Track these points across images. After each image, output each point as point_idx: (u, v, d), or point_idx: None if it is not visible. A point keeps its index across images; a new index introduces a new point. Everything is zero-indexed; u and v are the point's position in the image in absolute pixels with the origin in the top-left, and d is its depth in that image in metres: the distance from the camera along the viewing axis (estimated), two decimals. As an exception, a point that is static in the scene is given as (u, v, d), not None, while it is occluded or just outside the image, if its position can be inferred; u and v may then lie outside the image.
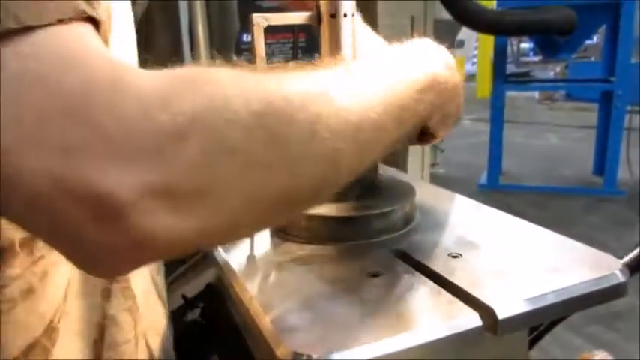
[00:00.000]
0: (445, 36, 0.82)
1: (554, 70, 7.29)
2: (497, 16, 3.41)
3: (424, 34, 0.61)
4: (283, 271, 0.51)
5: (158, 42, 2.00)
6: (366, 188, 0.60)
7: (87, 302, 0.49)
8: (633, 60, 4.17)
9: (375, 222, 0.57)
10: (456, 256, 0.52)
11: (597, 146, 4.34)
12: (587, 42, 6.30)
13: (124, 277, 0.53)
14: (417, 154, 2.36)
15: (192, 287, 0.76)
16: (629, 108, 4.15)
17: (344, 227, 0.57)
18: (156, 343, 0.58)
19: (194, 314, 0.69)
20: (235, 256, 0.55)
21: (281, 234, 0.59)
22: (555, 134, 5.92)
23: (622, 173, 3.98)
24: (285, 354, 0.39)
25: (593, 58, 7.03)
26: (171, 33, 2.06)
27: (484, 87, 8.10)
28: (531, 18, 3.47)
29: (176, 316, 0.71)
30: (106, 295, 0.51)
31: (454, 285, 0.47)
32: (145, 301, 0.56)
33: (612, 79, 4.04)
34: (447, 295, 0.46)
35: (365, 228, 0.57)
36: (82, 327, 0.49)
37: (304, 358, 0.39)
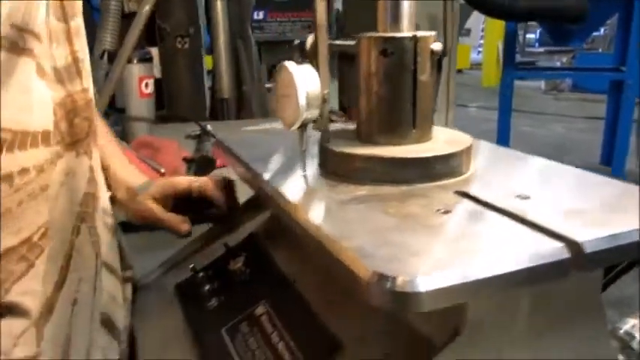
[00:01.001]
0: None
1: (560, 60, 7.26)
2: (511, 1, 3.38)
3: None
4: (348, 207, 0.49)
5: (174, 13, 1.97)
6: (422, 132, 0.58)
7: (57, 237, 0.56)
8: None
9: (435, 165, 0.55)
10: (525, 198, 0.51)
11: (606, 136, 4.32)
12: (595, 33, 6.26)
13: (91, 218, 0.62)
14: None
15: (233, 238, 0.74)
16: (637, 100, 4.13)
17: (402, 169, 0.55)
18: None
19: (237, 263, 0.67)
20: (294, 195, 0.53)
21: (335, 176, 0.57)
22: (561, 124, 5.90)
23: (629, 164, 3.97)
24: (369, 277, 0.38)
25: (600, 50, 7.00)
26: (188, 4, 2.03)
27: (490, 76, 8.07)
28: (544, 4, 3.43)
29: (219, 265, 0.70)
30: (76, 232, 0.59)
31: (532, 222, 0.45)
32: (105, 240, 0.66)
33: (623, 68, 4.00)
34: (527, 230, 0.44)
35: (424, 171, 0.55)
36: (52, 255, 0.55)
37: (389, 280, 0.37)
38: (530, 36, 8.96)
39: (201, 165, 1.28)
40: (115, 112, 1.53)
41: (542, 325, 0.46)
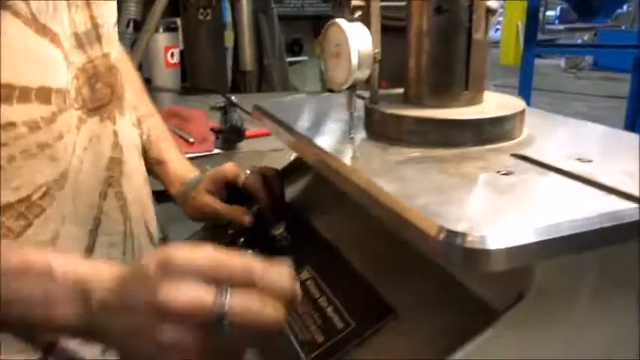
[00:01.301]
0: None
1: (581, 38, 7.10)
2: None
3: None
4: (405, 168, 0.48)
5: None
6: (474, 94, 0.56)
7: (83, 201, 0.57)
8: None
9: (489, 127, 0.54)
10: (587, 161, 0.49)
11: (628, 114, 4.24)
12: (618, 10, 6.11)
13: (117, 183, 0.62)
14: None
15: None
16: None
17: (457, 131, 0.53)
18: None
19: (279, 228, 0.66)
20: (347, 157, 0.52)
21: (384, 138, 0.55)
22: (582, 103, 5.80)
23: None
24: (439, 234, 0.36)
25: (623, 27, 6.83)
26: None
27: (508, 54, 7.94)
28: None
29: (259, 231, 0.69)
30: (103, 196, 0.60)
31: (600, 183, 0.43)
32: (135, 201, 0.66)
33: (647, 45, 3.91)
34: (595, 192, 0.42)
35: (478, 133, 0.53)
36: (78, 219, 0.57)
37: (459, 237, 0.36)
38: (550, 13, 8.77)
39: (230, 135, 1.27)
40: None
41: (606, 290, 0.45)
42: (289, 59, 2.81)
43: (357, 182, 0.46)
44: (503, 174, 0.46)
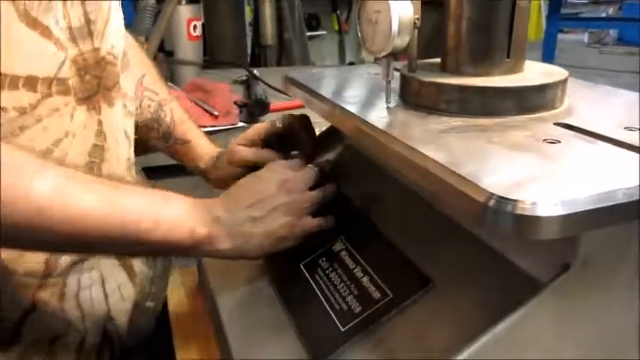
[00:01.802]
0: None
1: (606, 11, 6.90)
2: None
3: None
4: (448, 137, 0.47)
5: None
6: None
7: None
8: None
9: (532, 96, 0.52)
10: (635, 130, 0.47)
11: (654, 90, 4.14)
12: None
13: (98, 168, 0.65)
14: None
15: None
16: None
17: (499, 99, 0.52)
18: None
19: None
20: (387, 126, 0.51)
21: (422, 108, 0.54)
22: (606, 79, 5.66)
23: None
24: (489, 200, 0.36)
25: (651, 0, 6.61)
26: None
27: (530, 29, 7.75)
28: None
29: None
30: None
31: (650, 151, 0.42)
32: None
33: (677, 18, 3.79)
34: (647, 160, 0.41)
35: (520, 102, 0.52)
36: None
37: (510, 203, 0.35)
38: (575, -14, 8.52)
39: (255, 108, 1.26)
40: (164, 54, 1.52)
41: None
42: (307, 34, 2.78)
43: (401, 151, 0.45)
44: (549, 142, 0.45)
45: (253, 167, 0.70)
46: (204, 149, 0.83)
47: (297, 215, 0.60)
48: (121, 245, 0.53)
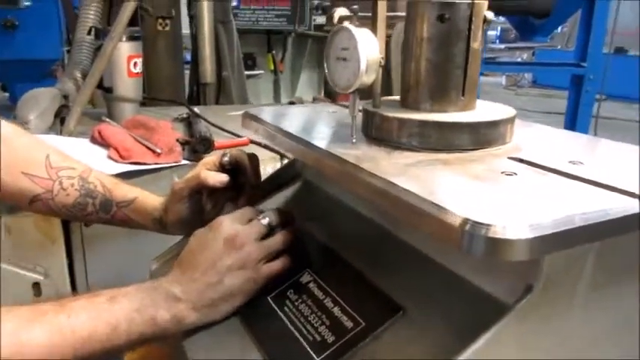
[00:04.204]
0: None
1: (521, 57, 7.46)
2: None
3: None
4: (416, 169, 0.50)
5: (157, -7, 1.92)
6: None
7: None
8: (605, 50, 4.30)
9: (488, 130, 0.56)
10: (578, 163, 0.52)
11: (566, 129, 4.47)
12: (555, 30, 6.45)
13: None
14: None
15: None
16: (597, 96, 4.28)
17: (459, 134, 0.55)
18: None
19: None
20: (358, 160, 0.53)
21: (387, 142, 0.57)
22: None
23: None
24: (464, 225, 0.38)
25: (559, 47, 7.23)
26: (171, -15, 1.98)
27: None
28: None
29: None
30: None
31: (596, 181, 0.46)
32: None
33: (584, 64, 4.15)
34: (596, 189, 0.45)
35: (479, 136, 0.56)
36: None
37: (483, 226, 0.38)
38: (491, 33, 9.16)
39: (199, 145, 1.25)
40: (103, 91, 1.48)
41: (606, 280, 0.48)
42: (248, 72, 2.81)
43: (375, 183, 0.47)
44: (507, 174, 0.49)
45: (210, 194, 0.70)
46: (153, 200, 0.79)
47: (255, 268, 0.60)
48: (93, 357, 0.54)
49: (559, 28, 7.07)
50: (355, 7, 0.55)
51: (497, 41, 9.19)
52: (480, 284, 0.49)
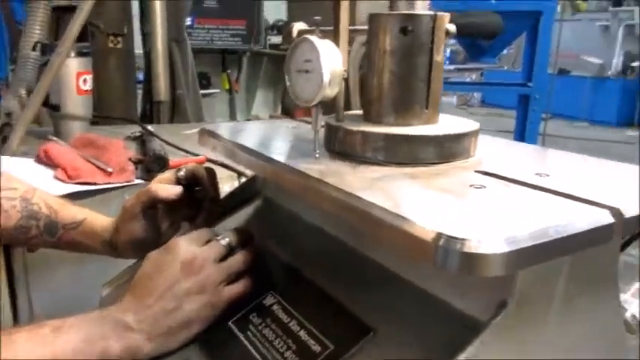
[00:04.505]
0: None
1: (470, 77, 7.68)
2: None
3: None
4: (382, 183, 0.48)
5: (109, 10, 1.87)
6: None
7: None
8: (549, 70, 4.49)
9: (454, 143, 0.55)
10: (545, 175, 0.52)
11: (516, 147, 4.60)
12: (502, 52, 6.68)
13: None
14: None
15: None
16: (543, 115, 4.45)
17: (425, 148, 0.54)
18: None
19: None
20: (324, 175, 0.51)
21: (351, 157, 0.55)
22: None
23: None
24: (438, 240, 0.36)
25: (506, 67, 7.49)
26: (123, 2, 1.93)
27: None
28: (464, 21, 3.63)
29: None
30: None
31: (565, 193, 0.46)
32: None
33: (530, 84, 4.31)
34: (566, 200, 0.45)
35: (444, 149, 0.55)
36: None
37: (458, 241, 0.36)
38: (441, 54, 9.40)
39: (153, 164, 1.21)
40: (49, 109, 1.41)
41: (573, 292, 0.47)
42: (203, 91, 2.77)
43: (342, 198, 0.45)
44: (476, 187, 0.48)
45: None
46: (102, 220, 0.75)
47: (215, 292, 0.56)
48: None
49: (505, 50, 7.35)
50: (317, 17, 0.54)
51: (447, 62, 9.46)
52: (452, 301, 0.47)
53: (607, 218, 0.42)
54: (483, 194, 0.46)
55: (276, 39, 3.65)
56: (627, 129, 7.91)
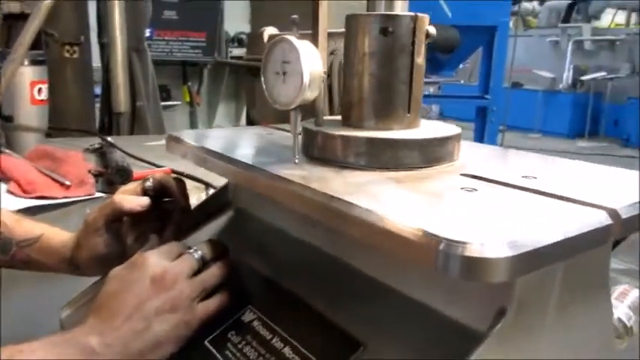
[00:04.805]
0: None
1: (427, 90, 7.83)
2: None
3: None
4: (369, 188, 0.46)
5: (64, 19, 1.80)
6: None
7: None
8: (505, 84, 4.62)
9: (438, 147, 0.54)
10: (532, 178, 0.50)
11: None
12: (460, 66, 6.82)
13: None
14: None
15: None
16: (500, 127, 4.57)
17: (408, 152, 0.52)
18: None
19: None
20: (308, 181, 0.48)
21: (332, 162, 0.53)
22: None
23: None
24: (437, 243, 0.34)
25: (462, 81, 7.66)
26: (80, 11, 1.87)
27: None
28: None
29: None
30: None
31: (558, 195, 0.45)
32: None
33: (487, 96, 4.42)
34: (560, 202, 0.43)
35: (429, 153, 0.53)
36: None
37: (459, 245, 0.34)
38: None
39: (115, 176, 1.15)
40: (1, 120, 1.34)
41: (567, 297, 0.46)
42: (164, 103, 2.71)
43: (331, 204, 0.42)
44: (468, 190, 0.46)
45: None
46: (61, 236, 0.70)
47: (188, 309, 0.52)
48: None
49: (461, 64, 7.52)
50: (295, 16, 0.51)
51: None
52: (446, 311, 0.45)
53: (604, 219, 0.40)
54: (476, 197, 0.44)
55: (238, 51, 3.61)
56: (579, 140, 8.22)
